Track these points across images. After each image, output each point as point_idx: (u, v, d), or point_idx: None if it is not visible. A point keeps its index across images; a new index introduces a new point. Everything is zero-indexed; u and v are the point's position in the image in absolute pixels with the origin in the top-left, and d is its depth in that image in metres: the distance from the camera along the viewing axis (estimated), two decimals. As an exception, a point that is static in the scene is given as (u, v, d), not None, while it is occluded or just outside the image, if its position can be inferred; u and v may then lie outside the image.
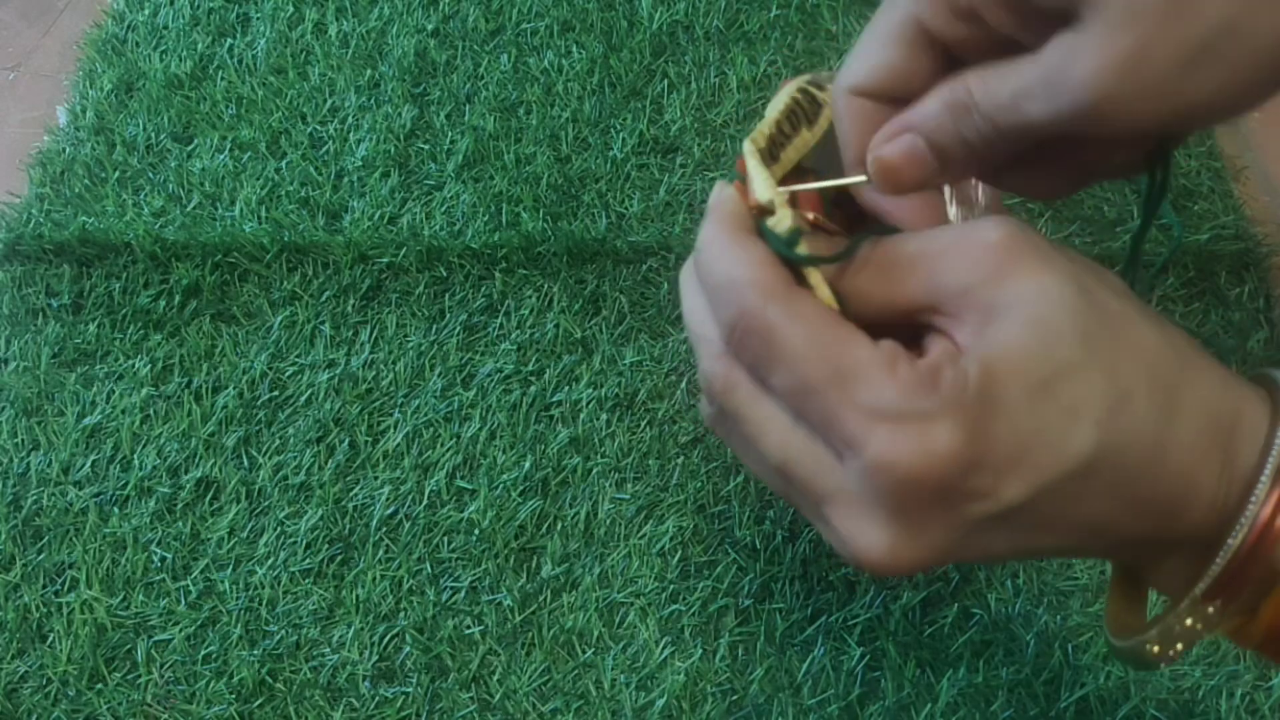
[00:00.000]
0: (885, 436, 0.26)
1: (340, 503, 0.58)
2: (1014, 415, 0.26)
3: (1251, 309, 0.62)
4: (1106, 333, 0.27)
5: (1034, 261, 0.27)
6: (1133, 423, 0.26)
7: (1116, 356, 0.27)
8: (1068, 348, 0.26)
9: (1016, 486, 0.26)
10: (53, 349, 0.64)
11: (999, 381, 0.26)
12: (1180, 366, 0.27)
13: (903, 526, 0.27)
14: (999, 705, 0.51)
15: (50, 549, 0.58)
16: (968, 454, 0.26)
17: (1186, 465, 0.27)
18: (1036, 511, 0.27)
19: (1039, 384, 0.26)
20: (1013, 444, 0.26)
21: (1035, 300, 0.27)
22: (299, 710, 0.53)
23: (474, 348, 0.63)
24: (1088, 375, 0.26)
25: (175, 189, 0.71)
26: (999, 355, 0.26)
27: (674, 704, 0.52)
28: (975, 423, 0.26)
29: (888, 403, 0.26)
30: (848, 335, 0.27)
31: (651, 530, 0.57)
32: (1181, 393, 0.27)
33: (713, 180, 0.69)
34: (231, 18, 0.79)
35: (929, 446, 0.25)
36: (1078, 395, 0.26)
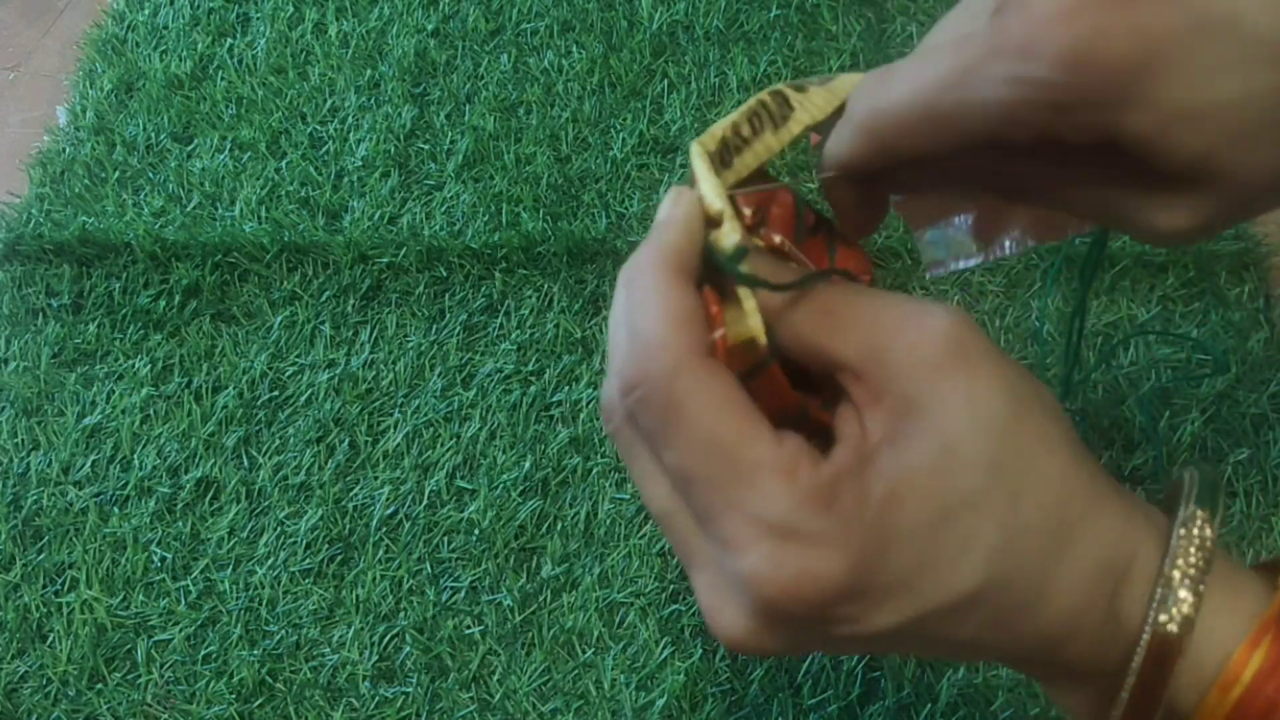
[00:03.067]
0: (766, 551, 0.24)
1: (340, 503, 0.58)
2: (906, 547, 0.25)
3: (1251, 309, 0.62)
4: (1018, 463, 0.25)
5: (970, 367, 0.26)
6: (1022, 560, 0.25)
7: (1021, 489, 0.25)
8: (976, 477, 0.25)
9: (889, 617, 0.25)
10: (53, 349, 0.64)
11: (900, 509, 0.25)
12: (1083, 504, 0.26)
13: (761, 626, 0.25)
14: (999, 705, 0.51)
15: (50, 549, 0.58)
16: (846, 585, 0.24)
17: (1068, 606, 0.26)
18: (908, 636, 0.26)
19: (939, 514, 0.25)
20: (897, 576, 0.25)
21: (956, 416, 0.25)
22: (299, 710, 0.53)
23: (474, 348, 0.63)
24: (988, 511, 0.25)
25: (175, 189, 0.71)
26: (906, 479, 0.25)
27: (674, 704, 0.52)
28: (863, 553, 0.24)
29: (778, 516, 0.24)
30: (754, 429, 0.25)
31: (651, 530, 0.57)
32: (1076, 533, 0.26)
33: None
34: (231, 18, 0.79)
35: (809, 572, 0.24)
36: (974, 528, 0.25)
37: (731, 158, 0.30)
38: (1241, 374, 0.60)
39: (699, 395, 0.25)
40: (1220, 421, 0.59)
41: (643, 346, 0.26)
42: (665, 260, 0.27)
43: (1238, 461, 0.57)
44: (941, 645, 0.27)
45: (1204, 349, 0.60)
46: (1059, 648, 0.27)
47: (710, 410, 0.25)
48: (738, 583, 0.25)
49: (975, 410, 0.25)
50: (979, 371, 0.26)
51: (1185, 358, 0.61)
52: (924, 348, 0.26)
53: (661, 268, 0.27)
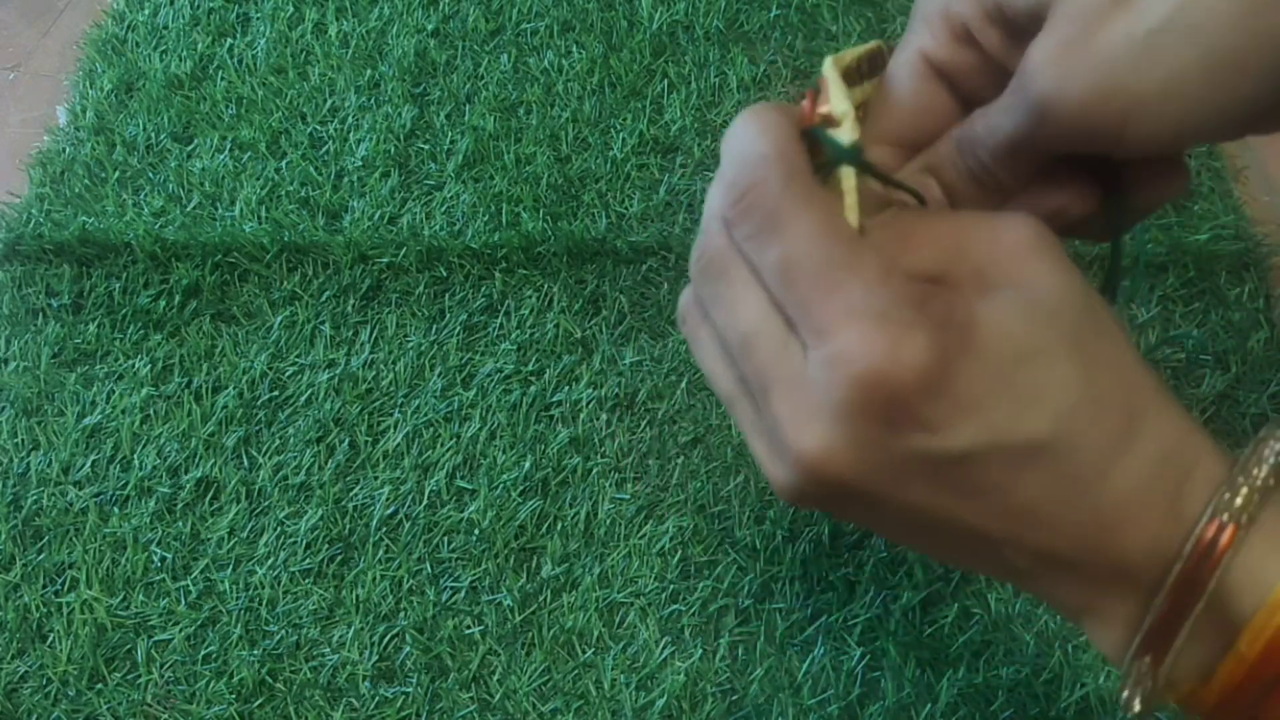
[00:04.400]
0: (858, 331, 0.25)
1: (340, 503, 0.58)
2: (986, 368, 0.26)
3: (1251, 309, 0.62)
4: (1097, 342, 0.27)
5: (1051, 261, 0.28)
6: (1090, 431, 0.26)
7: (1098, 366, 0.27)
8: (1055, 339, 0.26)
9: (966, 433, 0.26)
10: (53, 349, 0.64)
11: (981, 335, 0.26)
12: (1152, 397, 0.27)
13: (843, 428, 0.26)
14: (999, 705, 0.51)
15: (50, 549, 0.58)
16: (932, 376, 0.25)
17: (1127, 492, 0.27)
18: (973, 472, 0.27)
19: (1016, 356, 0.26)
20: (976, 392, 0.26)
21: (1041, 289, 0.27)
22: (299, 710, 0.53)
23: (474, 348, 0.63)
24: (1065, 369, 0.26)
25: (175, 189, 0.71)
26: (988, 317, 0.26)
27: (674, 704, 0.52)
28: (947, 353, 0.25)
29: (871, 303, 0.25)
30: (853, 236, 0.27)
31: (651, 530, 0.57)
32: (1144, 423, 0.27)
33: (712, 180, 0.69)
34: (231, 18, 0.79)
35: (898, 352, 0.25)
36: (1049, 382, 0.26)
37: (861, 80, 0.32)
38: (1241, 374, 0.60)
39: (807, 201, 0.27)
40: (1220, 421, 0.59)
41: (757, 159, 0.27)
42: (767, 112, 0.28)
43: (1238, 461, 0.57)
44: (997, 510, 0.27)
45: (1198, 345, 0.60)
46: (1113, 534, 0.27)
47: (817, 213, 0.27)
48: (826, 375, 0.26)
49: (1057, 290, 0.27)
50: (1059, 264, 0.27)
51: (1185, 357, 0.61)
52: (1005, 244, 0.28)
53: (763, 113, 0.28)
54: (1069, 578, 0.28)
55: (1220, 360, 0.60)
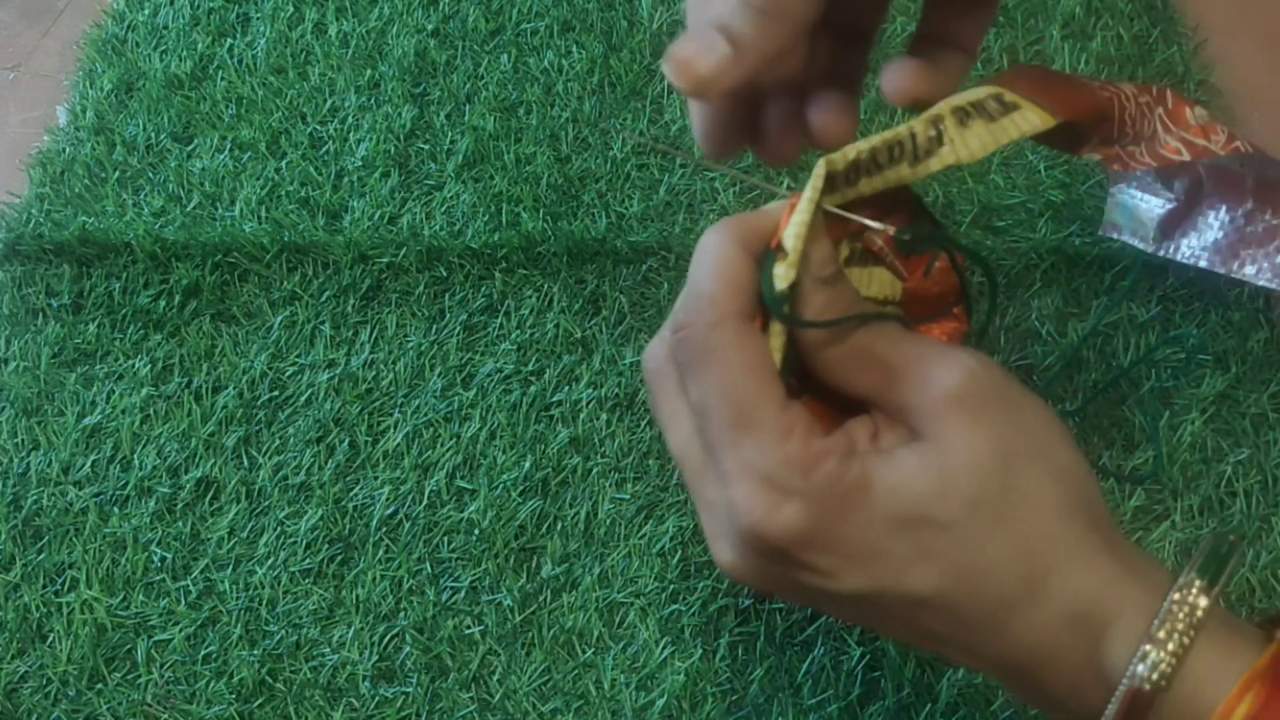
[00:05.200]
0: (747, 490, 0.28)
1: (340, 503, 0.58)
2: (865, 531, 0.28)
3: (1251, 309, 0.62)
4: (998, 507, 0.28)
5: (974, 414, 0.28)
6: (980, 591, 0.28)
7: (995, 529, 0.28)
8: (950, 506, 0.28)
9: (852, 580, 0.29)
10: (53, 349, 0.64)
11: (871, 494, 0.28)
12: (1061, 558, 0.28)
13: (746, 559, 0.30)
14: (999, 705, 0.51)
15: (50, 549, 0.58)
16: (807, 537, 0.28)
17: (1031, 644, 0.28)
18: (873, 608, 0.29)
19: (904, 518, 0.28)
20: (854, 551, 0.28)
21: (950, 451, 0.28)
22: (299, 710, 0.53)
23: (474, 348, 0.63)
24: (954, 535, 0.28)
25: (175, 189, 0.71)
26: (885, 474, 0.28)
27: (674, 704, 0.52)
28: (826, 515, 0.28)
29: (763, 465, 0.28)
30: (767, 390, 0.29)
31: (651, 530, 0.57)
32: (1046, 583, 0.28)
33: (713, 180, 0.69)
34: (231, 18, 0.79)
35: (775, 516, 0.28)
36: (935, 545, 0.28)
37: (858, 179, 0.31)
38: (1241, 374, 0.60)
39: (730, 348, 0.29)
40: (1220, 421, 0.59)
41: (696, 297, 0.30)
42: (737, 235, 0.30)
43: (1238, 461, 0.57)
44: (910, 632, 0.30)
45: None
46: (1027, 675, 0.29)
47: (735, 363, 0.29)
48: (727, 512, 0.29)
49: (967, 454, 0.28)
50: (982, 423, 0.28)
51: (1185, 357, 0.61)
52: (936, 396, 0.29)
53: (732, 241, 0.30)
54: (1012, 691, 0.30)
55: (1220, 360, 0.60)
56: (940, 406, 0.29)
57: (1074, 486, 0.29)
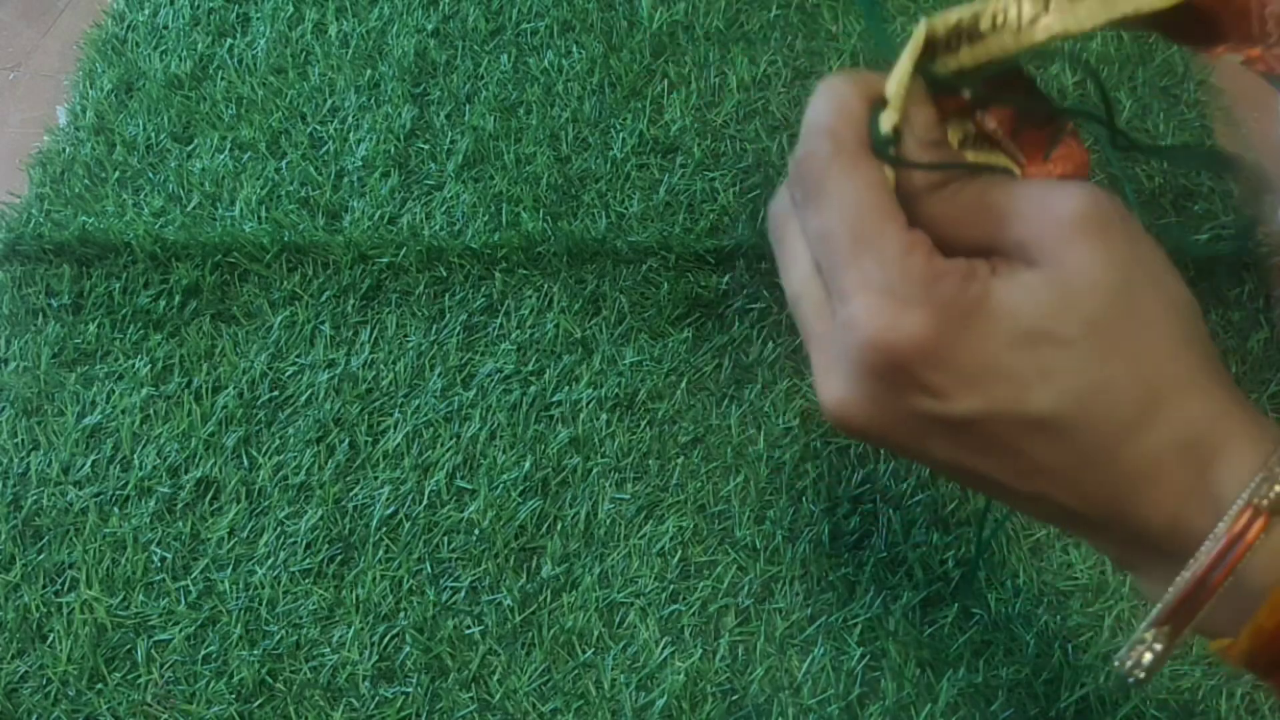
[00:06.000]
0: (865, 302, 0.28)
1: (340, 503, 0.58)
2: (988, 344, 0.28)
3: (1251, 309, 0.62)
4: (1118, 328, 0.28)
5: (1094, 240, 0.28)
6: (1097, 414, 0.28)
7: (1114, 351, 0.28)
8: (1070, 323, 0.28)
9: (969, 401, 0.28)
10: (53, 349, 0.64)
11: (992, 312, 0.28)
12: (1178, 383, 0.28)
13: (858, 387, 0.29)
14: (999, 705, 0.51)
15: (50, 549, 0.58)
16: (929, 349, 0.28)
17: (1140, 471, 0.28)
18: (983, 435, 0.29)
19: (1025, 335, 0.28)
20: (975, 367, 0.28)
21: (1070, 270, 0.28)
22: (299, 710, 0.53)
23: (474, 348, 0.63)
24: (1075, 353, 0.28)
25: (175, 189, 0.71)
26: (1006, 293, 0.28)
27: (674, 704, 0.52)
28: (948, 328, 0.28)
29: (884, 277, 0.28)
30: (885, 211, 0.29)
31: (651, 530, 0.57)
32: (1163, 410, 0.28)
33: (713, 180, 0.69)
34: (231, 18, 0.79)
35: (896, 325, 0.28)
36: (1055, 363, 0.28)
37: (959, 45, 0.31)
38: (1241, 374, 0.60)
39: (849, 175, 0.29)
40: (1220, 421, 0.59)
41: (813, 132, 0.30)
42: (853, 82, 0.31)
43: (1238, 461, 0.57)
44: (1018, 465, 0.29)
45: None
46: (1130, 505, 0.29)
47: (855, 188, 0.29)
48: (842, 336, 0.29)
49: (1088, 274, 0.28)
50: (1102, 245, 0.28)
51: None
52: (1055, 222, 0.29)
53: (848, 84, 0.31)
54: (1100, 535, 0.30)
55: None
56: (1062, 231, 0.28)
57: (1190, 320, 0.29)
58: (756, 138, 0.70)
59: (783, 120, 0.71)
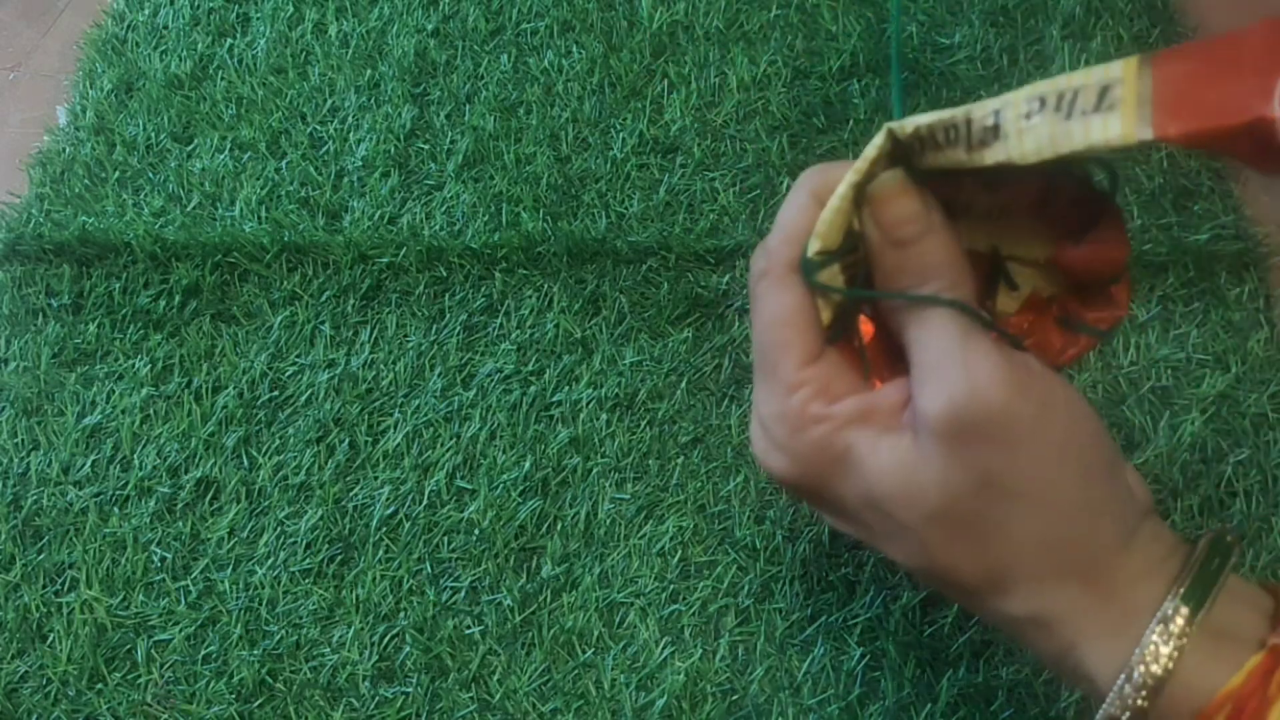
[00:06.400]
0: (752, 428, 0.33)
1: (340, 503, 0.58)
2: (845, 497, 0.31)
3: (1251, 309, 0.62)
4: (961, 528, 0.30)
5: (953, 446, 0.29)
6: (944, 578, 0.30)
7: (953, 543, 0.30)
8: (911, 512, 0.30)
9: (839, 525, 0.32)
10: (53, 349, 0.64)
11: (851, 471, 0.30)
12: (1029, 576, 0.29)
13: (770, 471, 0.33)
14: (999, 705, 0.51)
15: (50, 549, 0.58)
16: (793, 484, 0.31)
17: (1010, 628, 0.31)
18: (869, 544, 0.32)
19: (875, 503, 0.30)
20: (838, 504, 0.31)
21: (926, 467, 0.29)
22: (299, 710, 0.53)
23: (474, 348, 0.63)
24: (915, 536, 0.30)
25: (175, 189, 0.71)
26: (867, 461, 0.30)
27: (674, 704, 0.52)
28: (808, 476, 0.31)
29: (764, 413, 0.31)
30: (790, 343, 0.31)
31: (651, 530, 0.57)
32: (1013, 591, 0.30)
33: (713, 180, 0.69)
34: (231, 18, 0.79)
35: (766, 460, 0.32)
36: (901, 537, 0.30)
37: (924, 151, 0.30)
38: (1241, 374, 0.60)
39: (768, 298, 0.32)
40: (1220, 421, 0.59)
41: (762, 244, 0.33)
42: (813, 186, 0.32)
43: (1238, 461, 0.57)
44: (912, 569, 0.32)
45: None
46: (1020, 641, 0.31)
47: (769, 313, 0.32)
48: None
49: (941, 473, 0.29)
50: (961, 450, 0.29)
51: (1185, 357, 0.61)
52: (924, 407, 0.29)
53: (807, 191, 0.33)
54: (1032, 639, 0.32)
55: (1220, 360, 0.60)
56: (927, 422, 0.29)
57: (1067, 524, 0.29)
58: (756, 138, 0.70)
59: (783, 120, 0.71)
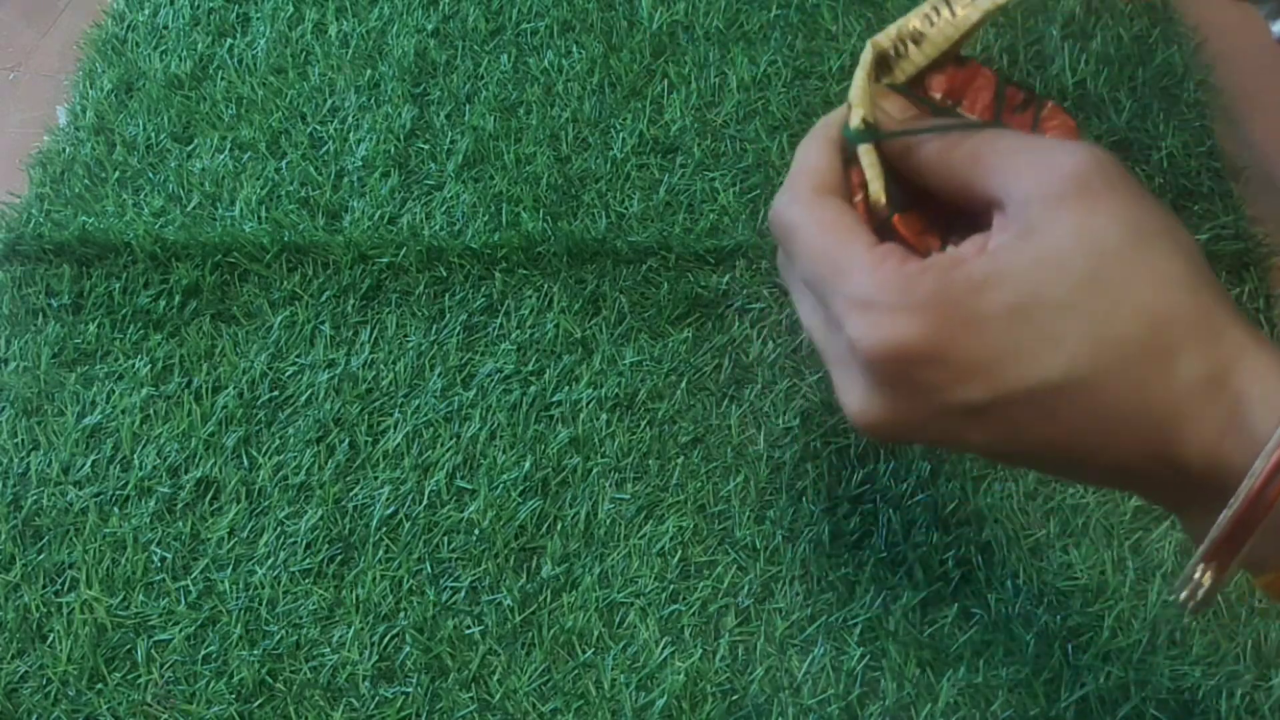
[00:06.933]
0: (856, 320, 0.30)
1: (340, 503, 0.58)
2: (987, 328, 0.28)
3: (1251, 309, 0.62)
4: (1121, 282, 0.28)
5: (1091, 199, 0.28)
6: (1113, 364, 0.28)
7: (1118, 303, 0.28)
8: (1068, 286, 0.28)
9: (976, 390, 0.29)
10: (53, 349, 0.64)
11: (982, 294, 0.28)
12: (1194, 326, 0.28)
13: (877, 394, 0.30)
14: (999, 705, 0.51)
15: (50, 549, 0.58)
16: (925, 349, 0.28)
17: (1172, 413, 0.28)
18: (1004, 415, 0.29)
19: (1021, 309, 0.28)
20: (979, 352, 0.28)
21: (1065, 234, 0.28)
22: (299, 710, 0.53)
23: (474, 348, 0.63)
24: (1078, 313, 0.28)
25: (175, 189, 0.71)
26: (994, 269, 0.28)
27: (674, 704, 0.52)
28: (940, 324, 0.28)
29: (863, 294, 0.30)
30: (850, 237, 0.31)
31: (651, 530, 0.57)
32: (1183, 349, 0.28)
33: (713, 180, 0.69)
34: (231, 18, 0.79)
35: (887, 335, 0.29)
36: (1059, 327, 0.28)
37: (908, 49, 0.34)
38: None
39: (807, 220, 0.32)
40: (1220, 421, 0.59)
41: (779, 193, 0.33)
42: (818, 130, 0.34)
43: (1238, 461, 0.57)
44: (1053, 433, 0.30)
45: None
46: (1166, 448, 0.28)
47: (815, 229, 0.32)
48: (850, 354, 0.31)
49: (1083, 233, 0.28)
50: (1100, 204, 0.28)
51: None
52: (1051, 182, 0.29)
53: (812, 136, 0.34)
54: (1147, 485, 0.30)
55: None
56: (1060, 190, 0.28)
57: (1198, 266, 0.29)
58: (756, 138, 0.70)
59: (783, 120, 0.71)
